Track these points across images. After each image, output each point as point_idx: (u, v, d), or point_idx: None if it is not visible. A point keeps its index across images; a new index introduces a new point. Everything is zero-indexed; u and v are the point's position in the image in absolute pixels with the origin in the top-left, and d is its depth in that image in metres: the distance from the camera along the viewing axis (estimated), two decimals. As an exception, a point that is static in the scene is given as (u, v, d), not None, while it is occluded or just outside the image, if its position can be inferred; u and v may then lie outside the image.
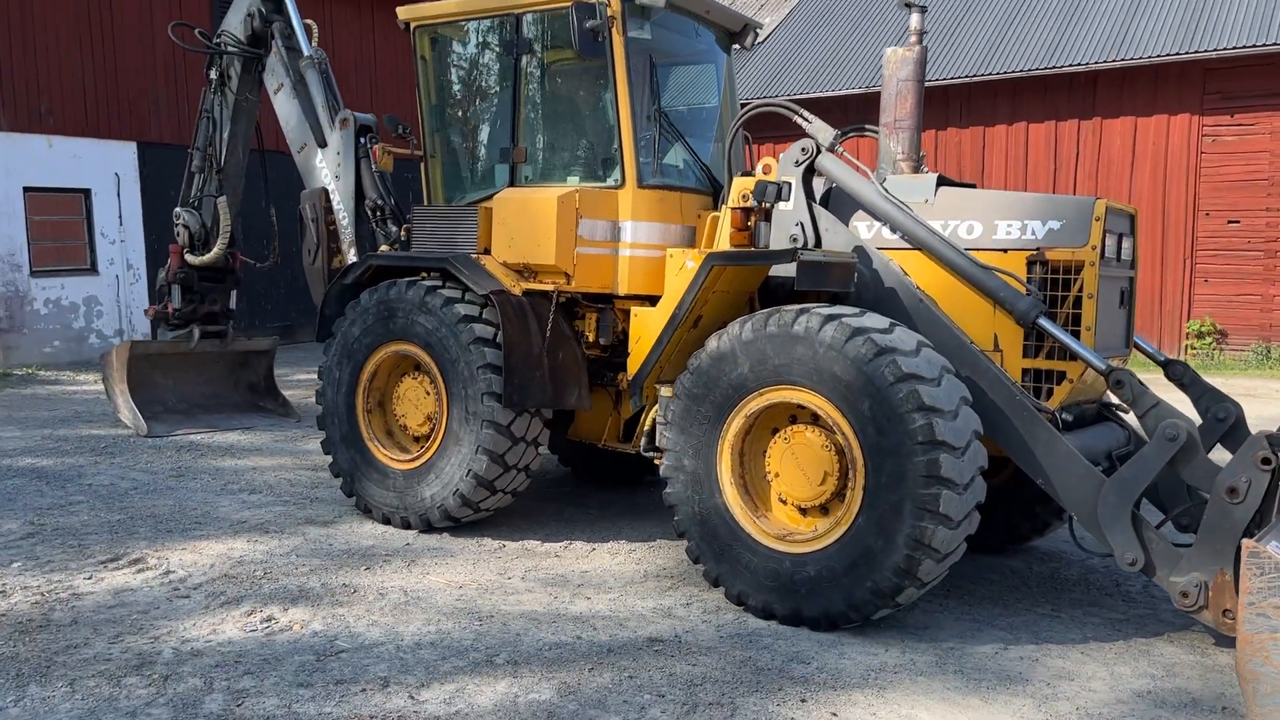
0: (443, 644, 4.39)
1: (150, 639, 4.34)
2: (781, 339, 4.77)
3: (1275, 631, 3.69)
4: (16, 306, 13.21)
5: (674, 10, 6.27)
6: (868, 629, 4.73)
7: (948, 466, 4.36)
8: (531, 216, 6.01)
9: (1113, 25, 17.07)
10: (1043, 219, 5.01)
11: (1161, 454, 4.47)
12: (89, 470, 7.56)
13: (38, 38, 13.16)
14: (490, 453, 5.85)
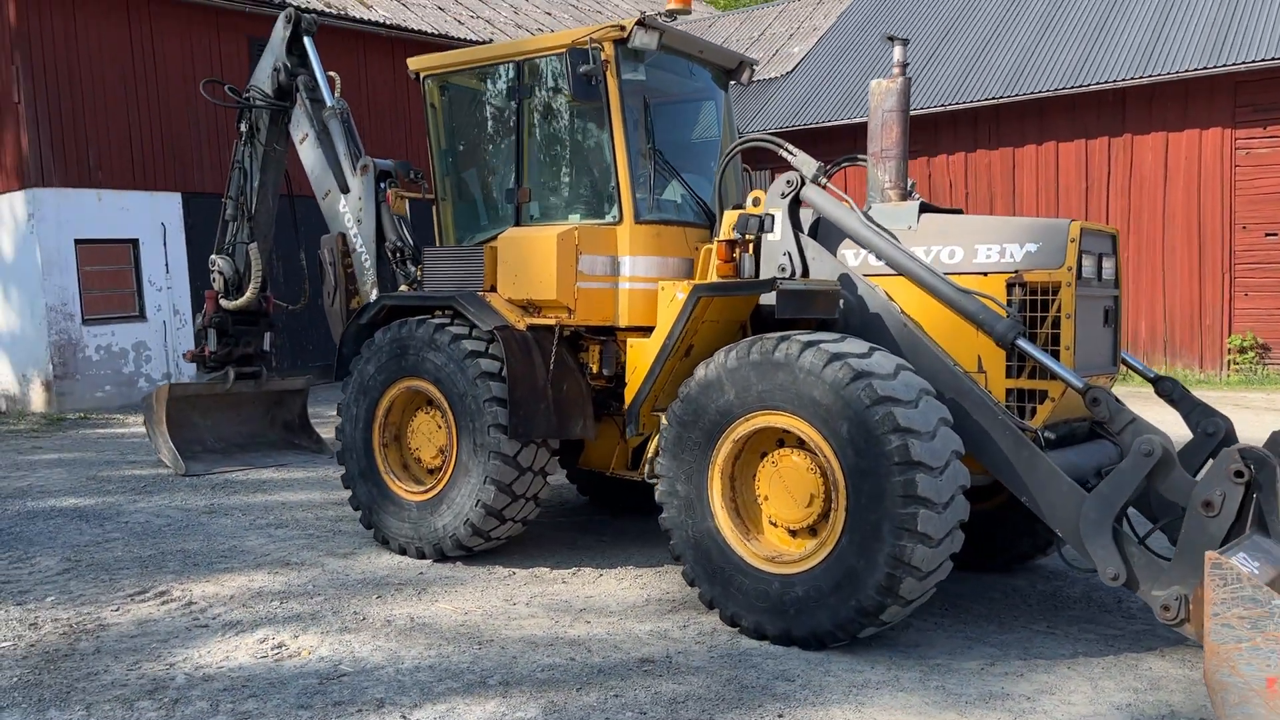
0: (440, 667, 4.58)
1: (166, 665, 4.59)
2: (764, 366, 4.92)
3: (1240, 642, 3.75)
4: (69, 354, 13.76)
5: (667, 52, 6.50)
6: (857, 647, 4.83)
7: (924, 486, 4.47)
8: (533, 254, 6.24)
9: (1140, 41, 17.02)
10: (1020, 242, 5.13)
11: (1138, 469, 4.54)
12: (127, 509, 7.90)
13: (86, 97, 13.80)
14: (498, 482, 6.06)
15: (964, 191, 18.58)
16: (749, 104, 21.83)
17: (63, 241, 13.65)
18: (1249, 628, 3.72)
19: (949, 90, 18.47)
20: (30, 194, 13.51)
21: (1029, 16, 19.33)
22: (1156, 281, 16.79)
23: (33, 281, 13.67)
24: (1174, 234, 16.61)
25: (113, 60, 14.01)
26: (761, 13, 26.41)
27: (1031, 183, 17.90)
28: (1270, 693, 3.69)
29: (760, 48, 24.14)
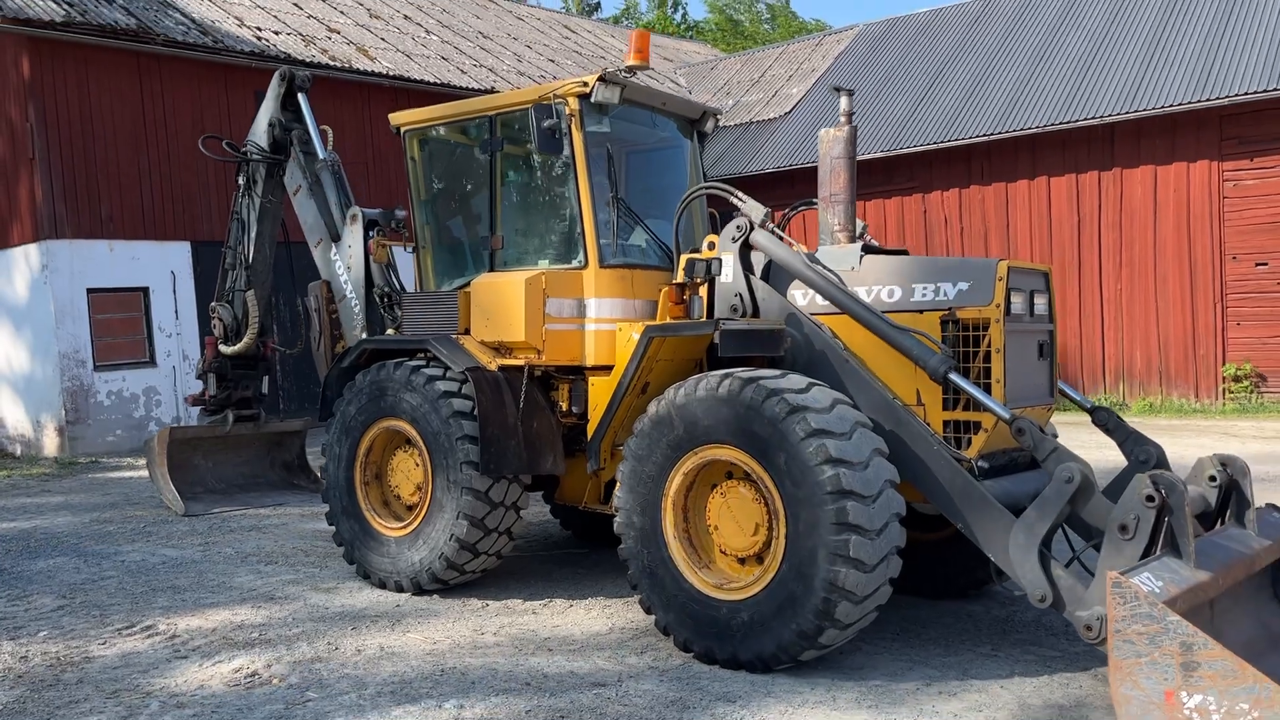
0: (401, 693, 4.83)
1: (143, 695, 4.87)
2: (709, 401, 5.19)
3: (1140, 657, 3.97)
4: (81, 399, 14.18)
5: (630, 105, 6.84)
6: (803, 669, 5.05)
7: (855, 514, 4.71)
8: (503, 298, 6.56)
9: (1128, 77, 17.31)
10: (953, 281, 5.40)
11: (1060, 495, 4.76)
12: (125, 548, 8.21)
13: (98, 150, 14.32)
14: (470, 517, 6.33)
15: (959, 227, 18.87)
16: (749, 144, 22.25)
17: (75, 290, 14.12)
18: (1148, 643, 3.93)
19: (943, 128, 18.80)
20: (44, 245, 14.00)
21: (1019, 55, 19.69)
22: (1150, 312, 16.97)
23: (46, 329, 14.12)
24: (1165, 265, 16.81)
25: (124, 115, 14.55)
26: (762, 54, 26.92)
27: (1025, 217, 18.16)
28: (1169, 705, 3.89)
29: (760, 89, 24.60)
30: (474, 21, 23.49)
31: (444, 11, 23.15)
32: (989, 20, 21.57)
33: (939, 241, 19.07)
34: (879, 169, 19.61)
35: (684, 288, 5.94)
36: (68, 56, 14.03)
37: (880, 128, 19.93)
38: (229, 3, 17.21)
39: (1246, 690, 3.73)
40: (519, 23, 25.59)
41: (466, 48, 20.92)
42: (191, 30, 15.15)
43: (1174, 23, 18.01)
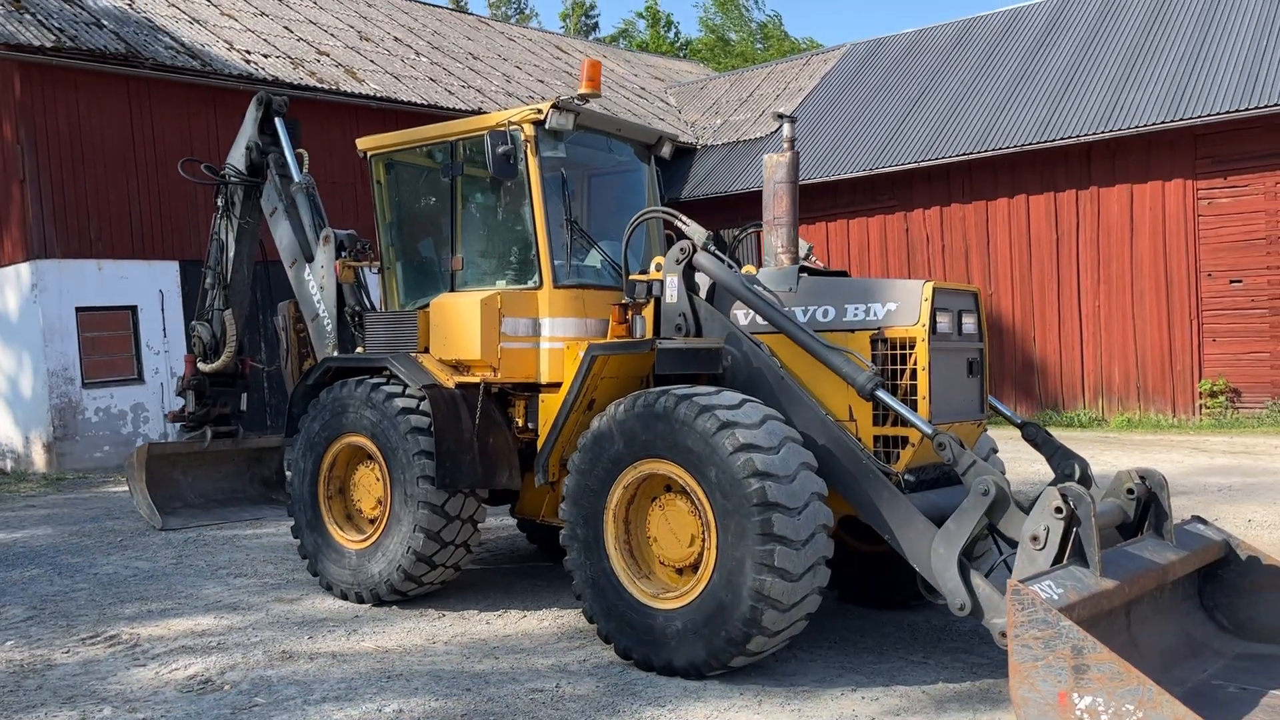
0: (345, 697, 5.03)
1: (98, 700, 5.07)
2: (646, 417, 5.40)
3: (1036, 660, 4.16)
4: (70, 416, 14.41)
5: (585, 130, 7.08)
6: (736, 676, 5.23)
7: (780, 525, 4.91)
8: (460, 318, 6.78)
9: (1105, 97, 17.57)
10: (882, 301, 5.61)
11: (977, 507, 4.96)
12: (100, 561, 8.42)
13: (87, 172, 14.60)
14: (427, 530, 6.54)
15: (940, 245, 19.10)
16: (735, 162, 22.53)
17: (64, 309, 14.37)
18: (1043, 647, 4.13)
19: (924, 147, 19.06)
20: (34, 265, 14.26)
21: (1000, 76, 19.96)
22: (1128, 328, 17.17)
23: (36, 347, 14.37)
24: (1143, 282, 17.02)
25: (113, 137, 14.83)
26: (751, 74, 27.23)
27: (1004, 235, 18.40)
28: (1062, 706, 4.08)
29: (748, 108, 24.90)
30: (465, 43, 23.83)
31: (435, 33, 23.49)
32: (970, 41, 21.87)
33: (921, 259, 19.30)
34: (862, 188, 19.88)
35: (627, 308, 6.16)
36: (58, 80, 14.33)
37: (863, 147, 20.20)
38: (220, 27, 17.53)
39: (1132, 691, 3.92)
40: (510, 44, 25.93)
41: (456, 69, 21.23)
42: (181, 54, 15.45)
43: (1150, 45, 18.28)
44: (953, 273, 18.92)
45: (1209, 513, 9.39)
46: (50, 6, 15.15)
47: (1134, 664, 5.01)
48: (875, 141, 20.15)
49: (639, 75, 28.85)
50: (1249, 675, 5.14)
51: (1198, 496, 10.15)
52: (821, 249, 20.56)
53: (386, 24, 22.44)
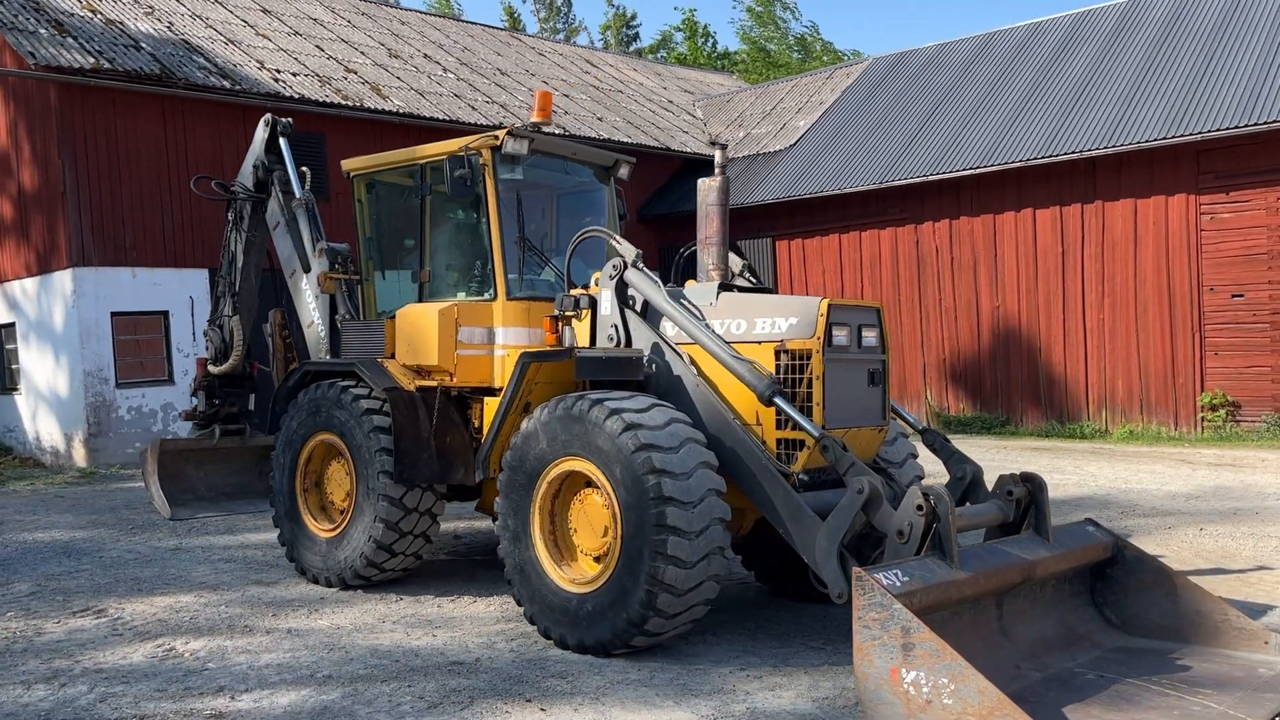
0: (286, 666, 5.65)
1: (73, 662, 5.75)
2: (565, 419, 5.96)
3: (874, 640, 4.64)
4: (104, 414, 15.33)
5: (542, 155, 7.66)
6: (642, 655, 5.75)
7: (674, 517, 5.44)
8: (421, 327, 7.40)
9: (1111, 113, 17.79)
10: (785, 316, 6.11)
11: (853, 504, 5.44)
12: (108, 546, 9.18)
13: (123, 185, 15.54)
14: (386, 521, 7.15)
15: (949, 257, 19.40)
16: (754, 176, 22.99)
17: (100, 314, 15.30)
18: (879, 628, 4.61)
19: (934, 161, 19.39)
20: (74, 272, 15.21)
21: (1013, 90, 20.23)
22: (1131, 341, 17.35)
23: (74, 349, 15.31)
24: (1146, 295, 17.20)
25: (148, 152, 15.75)
26: (776, 87, 27.68)
27: (1011, 248, 18.65)
28: (894, 679, 4.56)
29: (771, 121, 25.36)
30: (493, 59, 24.59)
31: (465, 50, 24.29)
32: (989, 56, 22.13)
33: (930, 271, 19.61)
34: (874, 200, 20.24)
35: (557, 319, 6.73)
36: (97, 99, 15.27)
37: (876, 160, 20.57)
38: (253, 47, 18.45)
39: (947, 667, 4.40)
40: (540, 58, 26.66)
41: (481, 84, 21.98)
42: (212, 74, 16.35)
43: (1159, 62, 18.46)
44: (961, 285, 19.21)
45: (1166, 521, 9.74)
46: (92, 29, 16.14)
47: (1002, 650, 5.54)
48: (888, 154, 20.51)
49: (668, 88, 29.42)
50: (1114, 665, 5.57)
51: (1159, 506, 10.45)
52: (833, 261, 20.97)
53: (417, 41, 23.28)
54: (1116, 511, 10.31)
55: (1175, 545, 8.67)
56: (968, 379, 19.33)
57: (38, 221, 16.01)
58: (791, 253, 21.66)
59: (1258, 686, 5.20)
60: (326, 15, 22.38)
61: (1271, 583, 7.40)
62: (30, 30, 15.24)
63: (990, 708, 4.25)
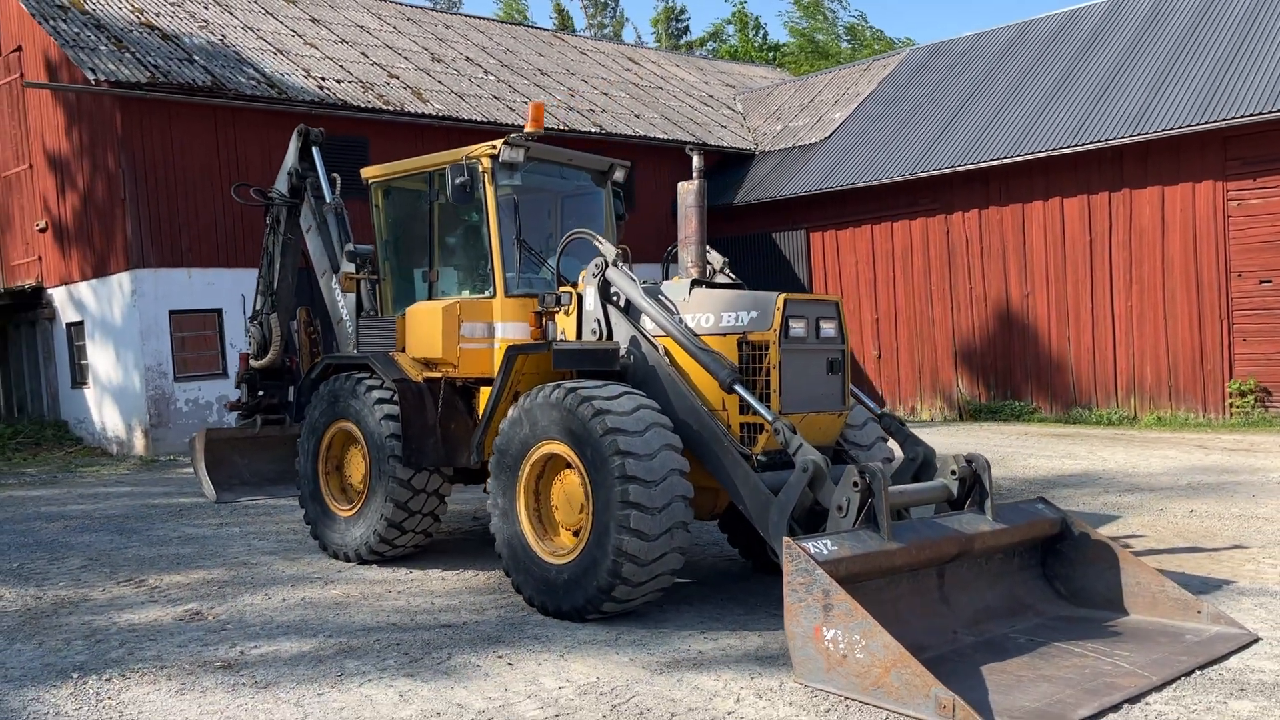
0: (295, 627, 6.32)
1: (109, 622, 6.49)
2: (544, 406, 6.54)
3: (800, 602, 5.15)
4: (163, 406, 16.32)
5: (538, 161, 8.24)
6: (614, 620, 6.30)
7: (635, 494, 5.99)
8: (427, 323, 8.03)
9: (1139, 101, 17.85)
10: (746, 310, 6.62)
11: (800, 481, 5.94)
12: (156, 526, 10.01)
13: (179, 189, 16.49)
14: (396, 501, 7.82)
15: (979, 247, 19.60)
16: (788, 168, 23.35)
17: (159, 312, 16.29)
18: (805, 592, 5.12)
19: (964, 151, 19.59)
20: (133, 274, 16.21)
21: (1044, 79, 20.32)
22: (1159, 328, 17.43)
23: (135, 346, 16.33)
24: (1174, 282, 17.26)
25: (201, 159, 16.69)
26: (815, 80, 27.95)
27: (1040, 237, 18.80)
28: (816, 637, 5.06)
29: (808, 114, 25.67)
30: (535, 59, 25.26)
31: (507, 51, 24.99)
32: (1024, 45, 22.21)
33: (960, 261, 19.82)
34: (904, 191, 20.50)
35: (540, 315, 7.31)
36: (153, 111, 16.24)
37: (907, 151, 20.81)
38: (300, 56, 19.33)
39: (859, 625, 4.89)
40: (582, 58, 27.27)
41: (521, 85, 22.66)
42: (260, 84, 17.23)
43: (1189, 49, 18.45)
44: (991, 274, 19.40)
45: (1158, 502, 10.03)
46: (149, 44, 17.12)
47: (941, 617, 6.02)
48: (919, 145, 20.74)
49: (709, 83, 29.84)
50: (1050, 632, 6.01)
51: (1157, 488, 10.72)
52: (865, 251, 21.27)
53: (460, 44, 24.03)
54: (1114, 492, 10.61)
55: (1160, 525, 8.98)
56: (997, 367, 19.53)
57: (101, 227, 17.06)
58: (825, 244, 22.00)
59: (1177, 650, 5.61)
60: (373, 22, 23.23)
61: (1239, 560, 7.70)
62: (92, 47, 16.25)
63: (892, 660, 4.74)
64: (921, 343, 20.57)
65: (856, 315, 21.45)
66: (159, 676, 5.36)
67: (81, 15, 17.26)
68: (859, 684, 4.88)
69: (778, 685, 5.13)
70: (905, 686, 4.68)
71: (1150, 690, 5.00)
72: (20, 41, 18.51)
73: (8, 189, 19.99)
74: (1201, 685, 5.06)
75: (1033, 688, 5.05)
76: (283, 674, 5.38)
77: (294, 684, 5.21)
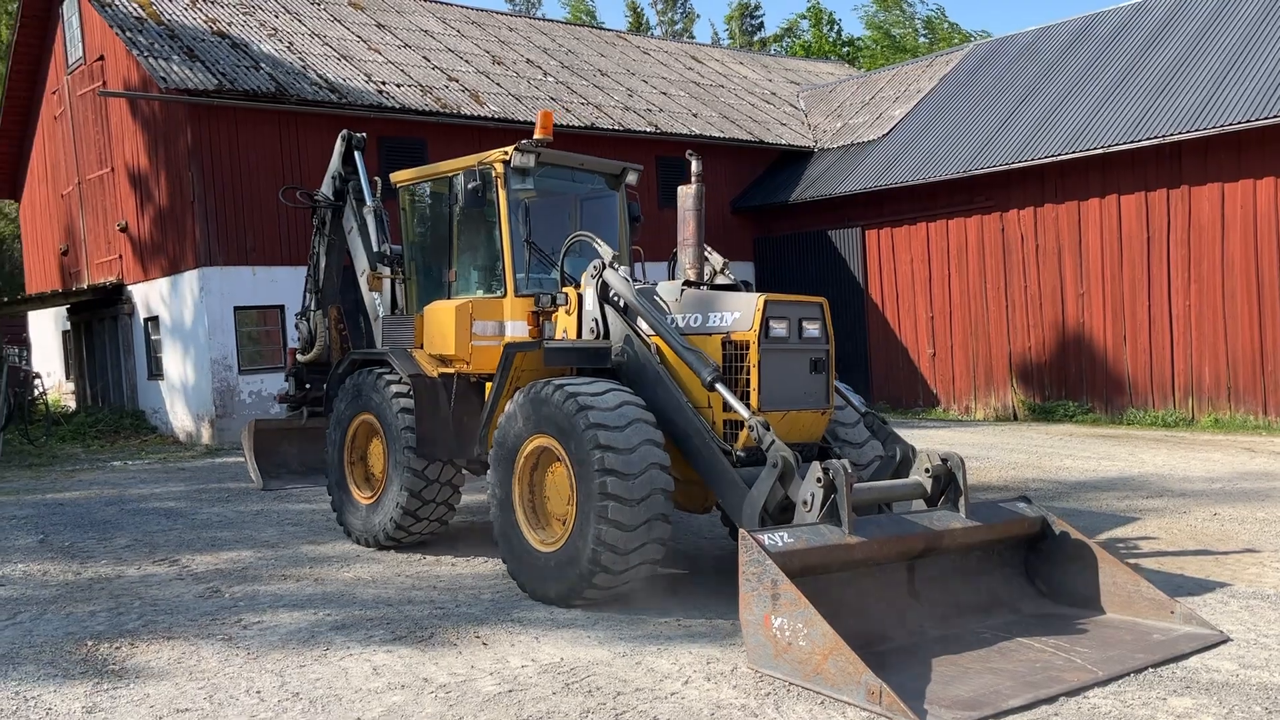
0: (299, 604, 6.76)
1: (135, 597, 7.02)
2: (535, 402, 6.87)
3: (753, 591, 5.38)
4: (228, 398, 17.12)
5: (550, 166, 8.57)
6: (601, 608, 6.58)
7: (614, 486, 6.27)
8: (441, 321, 8.43)
9: (1199, 97, 17.44)
10: (730, 311, 6.85)
11: (770, 476, 6.15)
12: (203, 510, 10.63)
13: (244, 192, 17.27)
14: (410, 490, 8.23)
15: (1035, 244, 19.36)
16: (845, 166, 23.32)
17: (225, 309, 17.09)
18: (756, 581, 5.34)
19: (1021, 148, 19.36)
20: (201, 272, 17.04)
21: (1105, 74, 19.96)
22: (1219, 328, 17.03)
23: (202, 341, 17.16)
24: (1233, 282, 16.85)
25: (265, 162, 17.45)
26: (877, 76, 27.80)
27: (1096, 235, 18.50)
28: (766, 625, 5.29)
29: (868, 111, 25.57)
30: (596, 60, 25.64)
31: (569, 53, 25.42)
32: (1087, 39, 21.82)
33: (1015, 259, 19.61)
34: (960, 188, 20.33)
35: (538, 314, 7.64)
36: (220, 117, 17.03)
37: (964, 148, 20.63)
38: (363, 61, 20.01)
39: (802, 614, 5.10)
40: (644, 58, 27.57)
41: (579, 86, 23.05)
42: (322, 89, 17.92)
43: (1253, 44, 17.96)
44: (1046, 273, 19.16)
45: (1184, 504, 9.94)
46: (218, 53, 17.94)
47: (909, 610, 6.17)
48: (976, 142, 20.55)
49: (773, 80, 29.87)
50: (1019, 628, 6.12)
51: (1188, 491, 10.61)
52: (920, 250, 21.15)
53: (523, 47, 24.53)
54: (1142, 495, 10.53)
55: (1177, 527, 8.93)
56: (1051, 367, 19.28)
57: (173, 227, 17.95)
58: (880, 242, 21.93)
59: (1137, 648, 5.69)
60: (437, 26, 23.87)
61: (1245, 564, 7.66)
62: (165, 56, 17.11)
63: (830, 649, 4.95)
64: (976, 342, 20.40)
65: (911, 314, 21.36)
66: (163, 646, 5.84)
67: (157, 26, 18.17)
68: (801, 670, 5.09)
69: (730, 670, 5.36)
70: (840, 673, 4.89)
71: (1094, 685, 5.11)
72: (103, 51, 19.54)
73: (92, 191, 21.11)
74: (1149, 682, 5.15)
75: (975, 679, 5.20)
76: (275, 647, 5.80)
77: (282, 656, 5.63)
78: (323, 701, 4.90)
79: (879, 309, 22.01)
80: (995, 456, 13.79)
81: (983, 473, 12.30)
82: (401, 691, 5.04)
